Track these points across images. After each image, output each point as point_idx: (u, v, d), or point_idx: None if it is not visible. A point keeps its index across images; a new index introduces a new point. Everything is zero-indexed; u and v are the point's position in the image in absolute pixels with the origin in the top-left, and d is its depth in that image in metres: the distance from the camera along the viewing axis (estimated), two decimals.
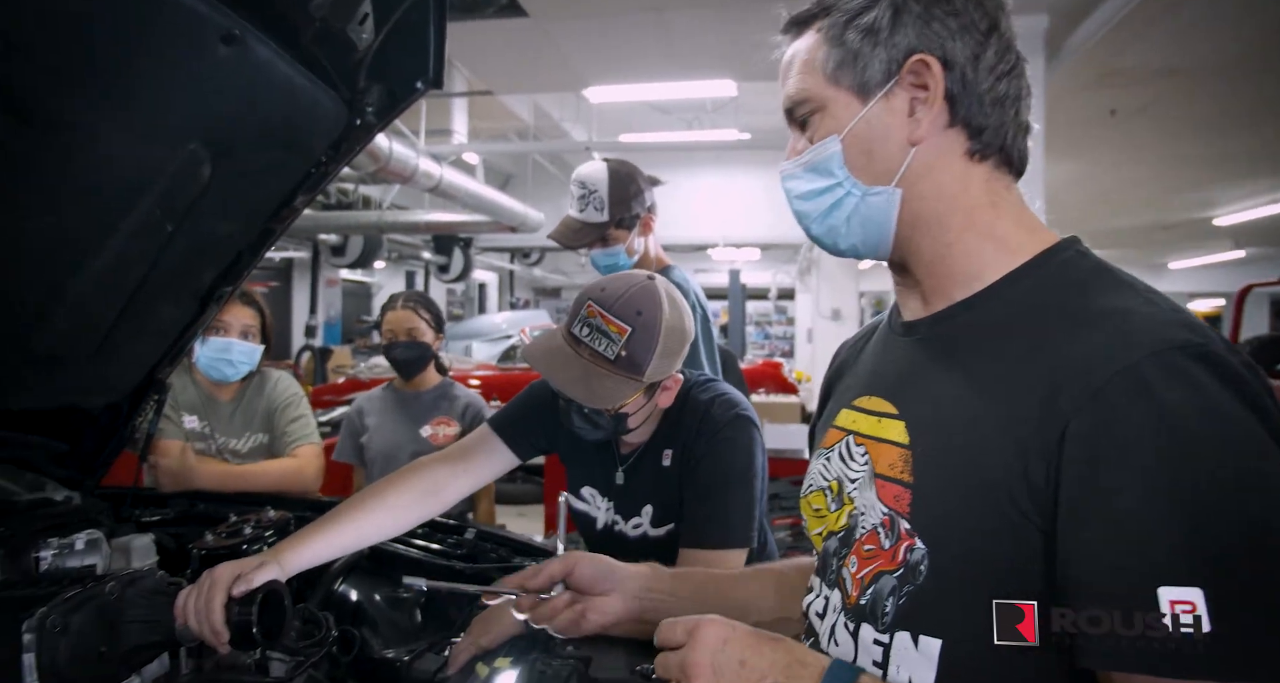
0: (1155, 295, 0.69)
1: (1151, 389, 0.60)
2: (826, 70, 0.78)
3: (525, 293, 21.89)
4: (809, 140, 0.80)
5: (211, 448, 2.15)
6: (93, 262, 1.25)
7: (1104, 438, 0.60)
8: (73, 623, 0.89)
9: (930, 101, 0.75)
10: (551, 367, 1.29)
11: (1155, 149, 7.20)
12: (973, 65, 0.75)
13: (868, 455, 0.80)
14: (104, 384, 1.51)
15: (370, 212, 10.14)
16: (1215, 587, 0.55)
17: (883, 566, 0.74)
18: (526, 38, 4.39)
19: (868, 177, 0.77)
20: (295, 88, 1.24)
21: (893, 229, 0.79)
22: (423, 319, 2.53)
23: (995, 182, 0.78)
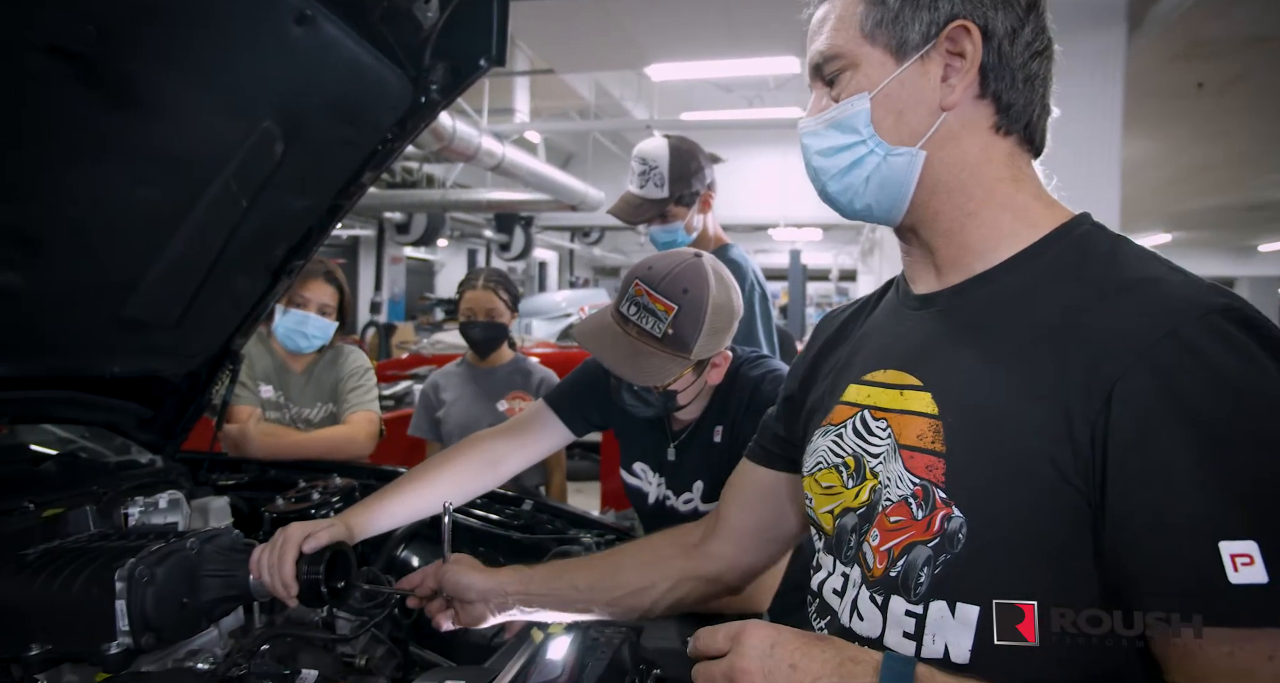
0: (1175, 266, 0.70)
1: (1201, 351, 0.61)
2: (865, 28, 0.77)
3: (585, 272, 22.02)
4: (834, 99, 0.79)
5: (286, 417, 2.24)
6: (177, 234, 1.31)
7: (1158, 399, 0.61)
8: (158, 574, 0.95)
9: (966, 69, 0.75)
10: (600, 345, 1.31)
11: (1245, 124, 6.81)
12: (1010, 39, 0.75)
13: (889, 428, 0.80)
14: (184, 352, 1.58)
15: (434, 190, 10.31)
16: (1270, 537, 0.56)
17: (915, 536, 0.73)
18: (588, 15, 4.39)
19: (893, 137, 0.77)
20: (363, 66, 1.28)
21: (910, 193, 0.79)
22: (501, 300, 2.57)
23: (1017, 157, 0.79)
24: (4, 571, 1.03)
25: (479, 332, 2.57)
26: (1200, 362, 0.61)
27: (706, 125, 8.75)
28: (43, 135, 1.05)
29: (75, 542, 1.12)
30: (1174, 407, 0.61)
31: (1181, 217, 13.09)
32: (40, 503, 1.25)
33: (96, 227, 1.24)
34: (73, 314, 1.36)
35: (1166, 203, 11.63)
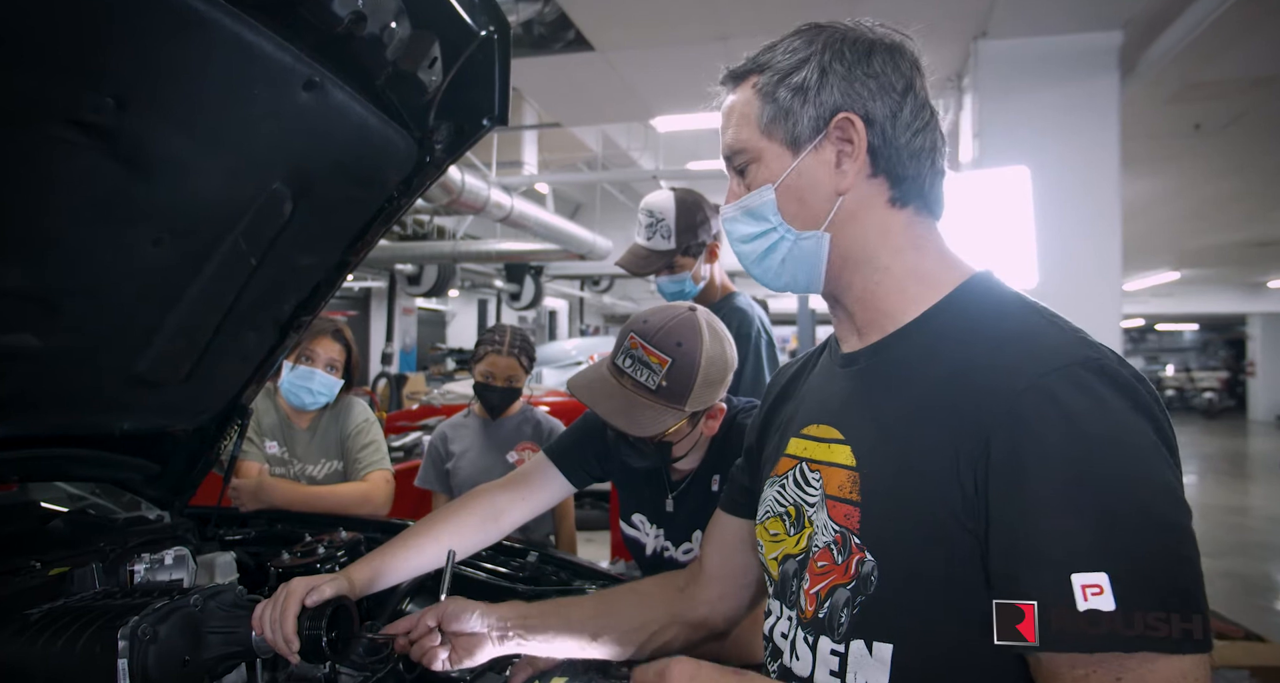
0: (1059, 319, 0.77)
1: (1059, 400, 0.68)
2: (761, 124, 0.85)
3: (595, 320, 22.12)
4: (747, 186, 0.88)
5: (290, 473, 2.26)
6: (188, 292, 1.34)
7: (1021, 446, 0.68)
8: (161, 632, 0.95)
9: (855, 155, 0.82)
10: (595, 397, 1.33)
11: (1248, 162, 6.85)
12: (891, 122, 0.82)
13: (821, 479, 0.86)
14: (194, 408, 1.61)
15: (444, 242, 10.45)
16: (1117, 570, 0.62)
17: (837, 579, 0.80)
18: (593, 71, 4.51)
19: (799, 222, 0.85)
20: (369, 128, 1.32)
21: (823, 269, 0.87)
22: (522, 366, 2.58)
23: (917, 225, 0.86)
24: (8, 631, 1.03)
25: (497, 397, 2.59)
26: (1058, 410, 0.67)
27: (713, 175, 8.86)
28: (60, 200, 1.09)
29: (80, 600, 1.13)
30: (1034, 451, 0.67)
31: (1189, 254, 13.08)
32: (47, 561, 1.26)
33: (110, 287, 1.27)
34: (85, 372, 1.38)
35: (1174, 241, 11.63)
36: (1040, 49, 3.78)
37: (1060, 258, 3.17)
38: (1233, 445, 14.71)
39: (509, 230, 9.47)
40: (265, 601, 1.08)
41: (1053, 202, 3.15)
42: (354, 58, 1.19)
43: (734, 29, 4.00)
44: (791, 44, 0.85)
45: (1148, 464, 0.66)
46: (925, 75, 0.85)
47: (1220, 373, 22.85)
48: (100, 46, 0.94)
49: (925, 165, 0.85)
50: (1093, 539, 0.64)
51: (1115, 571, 0.62)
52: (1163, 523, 0.65)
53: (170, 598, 1.01)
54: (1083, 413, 0.67)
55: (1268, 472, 10.79)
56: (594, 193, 12.23)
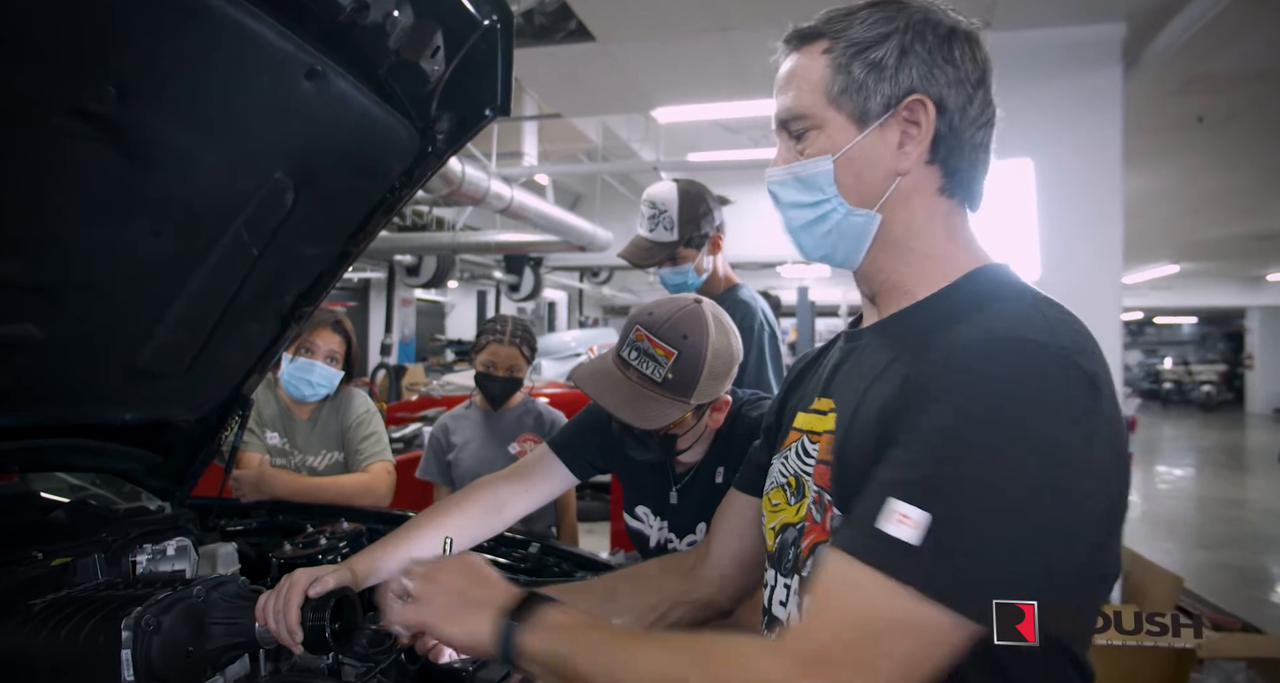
0: (1047, 308, 0.77)
1: (981, 363, 0.69)
2: (830, 93, 0.84)
3: (594, 311, 22.11)
4: (800, 152, 0.87)
5: (291, 464, 2.26)
6: (190, 283, 1.34)
7: (927, 392, 0.71)
8: (164, 623, 0.95)
9: (920, 138, 0.83)
10: (600, 389, 1.33)
11: (1251, 155, 6.83)
12: (961, 113, 0.83)
13: (816, 448, 0.89)
14: (195, 399, 1.60)
15: (444, 233, 10.44)
16: (945, 515, 0.65)
17: (817, 537, 0.83)
18: (594, 61, 4.48)
19: (853, 198, 0.85)
20: (372, 118, 1.32)
21: (867, 247, 0.87)
22: (524, 356, 2.57)
23: (955, 216, 0.87)
24: (12, 622, 1.03)
25: (499, 387, 2.57)
26: (974, 370, 0.69)
27: (713, 166, 8.85)
28: (61, 191, 1.09)
29: (83, 591, 1.13)
30: (933, 397, 0.70)
31: (1190, 248, 13.06)
32: (49, 552, 1.26)
33: (112, 278, 1.27)
34: (86, 363, 1.38)
35: (1174, 235, 11.62)
36: (1043, 41, 3.76)
37: (1062, 251, 3.16)
38: (1230, 439, 14.74)
39: (508, 222, 9.46)
40: (268, 592, 1.08)
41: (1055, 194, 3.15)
42: (356, 47, 1.18)
43: (736, 20, 3.98)
44: (871, 17, 0.84)
45: (1030, 447, 0.66)
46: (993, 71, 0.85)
47: (1218, 366, 22.87)
48: (102, 35, 0.93)
49: (980, 160, 0.86)
50: (933, 482, 0.66)
51: (933, 513, 0.65)
52: (1006, 503, 0.65)
53: (173, 589, 1.01)
54: (995, 381, 0.68)
55: (1265, 465, 10.81)
56: (594, 184, 12.20)
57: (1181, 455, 12.36)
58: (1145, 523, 7.18)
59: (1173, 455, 12.16)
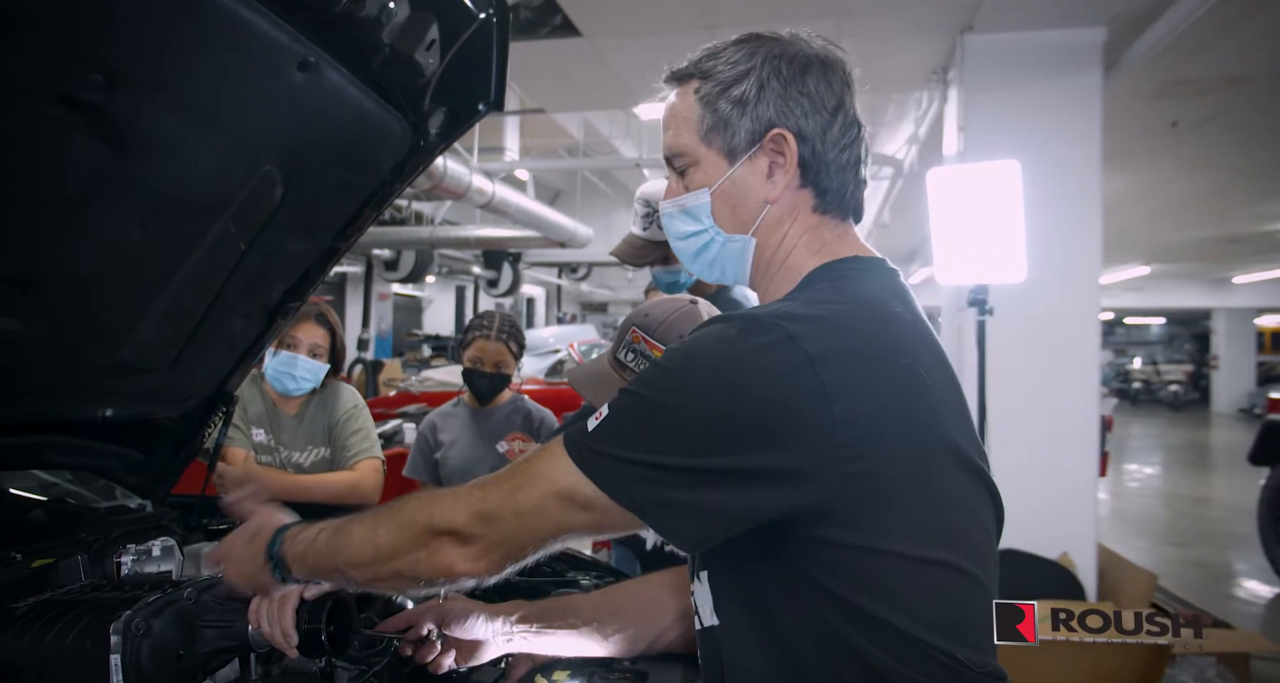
0: (823, 294, 0.85)
1: (699, 330, 0.83)
2: (701, 132, 0.91)
3: (572, 307, 22.06)
4: (685, 187, 0.94)
5: (276, 460, 2.22)
6: (175, 277, 1.31)
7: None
8: (155, 627, 0.93)
9: (786, 167, 0.89)
10: (597, 393, 1.32)
11: (1222, 160, 6.96)
12: (821, 138, 0.89)
13: None
14: (178, 394, 1.57)
15: (423, 227, 10.35)
16: (607, 411, 0.80)
17: None
18: (580, 57, 4.46)
19: (729, 226, 0.93)
20: (364, 111, 1.29)
21: (749, 267, 0.95)
22: (511, 352, 2.54)
23: (822, 229, 0.93)
24: None
25: (486, 383, 2.54)
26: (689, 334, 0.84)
27: None
28: (45, 180, 1.06)
29: (67, 593, 1.10)
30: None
31: (1161, 250, 13.29)
32: (28, 553, 1.22)
33: (95, 270, 1.23)
34: (67, 358, 1.35)
35: (1146, 237, 11.81)
36: (1026, 44, 3.79)
37: (1042, 252, 3.19)
38: (1197, 437, 15.02)
39: (488, 216, 9.40)
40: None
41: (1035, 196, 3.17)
42: (350, 38, 1.16)
43: (721, 19, 3.98)
44: (733, 55, 0.89)
45: (685, 378, 0.79)
46: (855, 92, 0.91)
47: (1185, 366, 23.27)
48: (91, 21, 0.90)
49: (850, 177, 0.92)
50: (622, 393, 0.81)
51: (608, 410, 0.80)
52: (657, 408, 0.78)
53: (163, 591, 0.99)
54: (699, 335, 0.82)
55: (1230, 463, 11.03)
56: (574, 180, 12.17)
57: (1150, 454, 12.58)
58: (1118, 520, 7.30)
59: (1142, 454, 12.37)
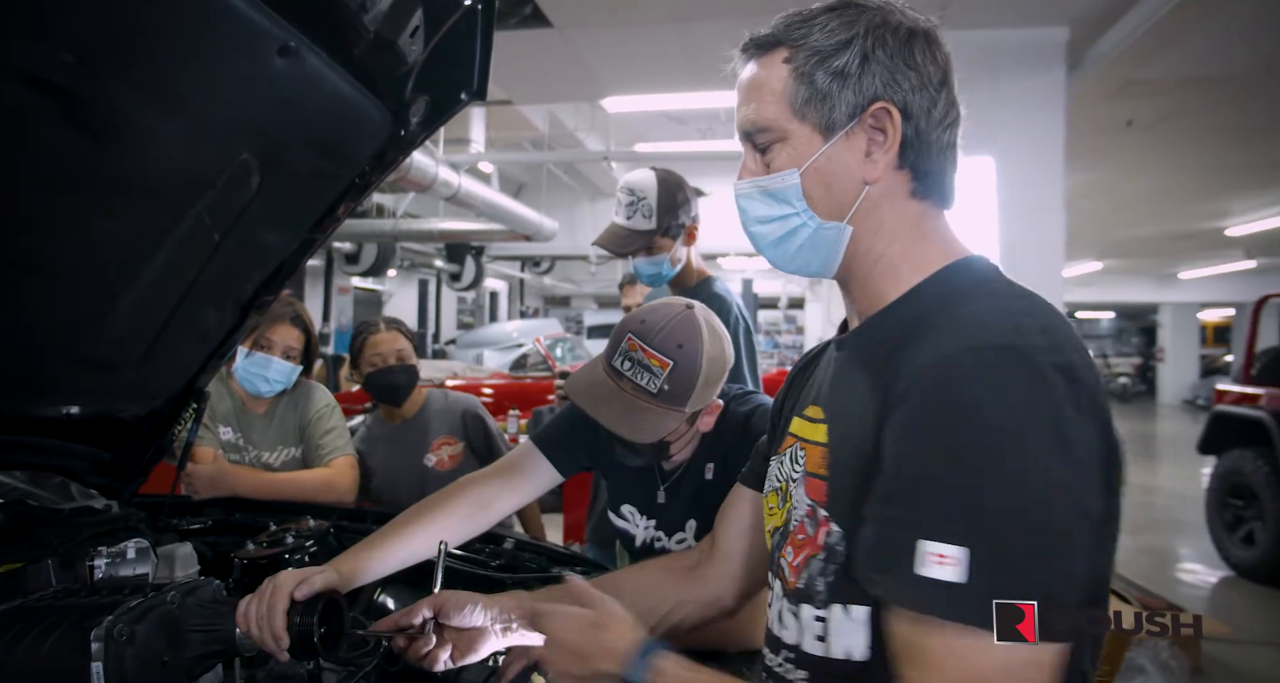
0: (1022, 303, 0.77)
1: (956, 379, 0.69)
2: (795, 104, 0.82)
3: (535, 301, 21.92)
4: (766, 165, 0.85)
5: (245, 459, 2.16)
6: (146, 268, 1.26)
7: (911, 417, 0.71)
8: (139, 632, 0.89)
9: (888, 146, 0.82)
10: (595, 402, 1.29)
11: (1172, 159, 7.17)
12: (926, 116, 0.82)
13: (805, 456, 0.89)
14: (147, 391, 1.52)
15: (385, 220, 10.18)
16: (970, 546, 0.64)
17: (811, 551, 0.83)
18: (549, 48, 4.41)
19: (823, 210, 0.84)
20: (345, 99, 1.25)
21: (840, 258, 0.86)
22: (408, 339, 2.35)
23: (927, 217, 0.86)
24: None
25: (398, 377, 2.29)
26: (952, 385, 0.69)
27: (660, 157, 8.85)
28: (9, 164, 1.01)
29: (39, 599, 1.04)
30: (919, 420, 0.70)
31: (1113, 246, 13.65)
32: None
33: (62, 260, 1.18)
34: (30, 352, 1.29)
35: (1100, 233, 12.12)
36: (992, 41, 3.85)
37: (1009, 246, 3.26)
38: (1144, 428, 15.47)
39: (451, 209, 9.28)
40: (249, 596, 1.02)
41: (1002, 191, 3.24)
42: (333, 23, 1.12)
43: (694, 12, 3.97)
44: (830, 23, 0.82)
45: (1030, 455, 0.66)
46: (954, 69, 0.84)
47: (1133, 359, 23.97)
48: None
49: (949, 160, 0.85)
50: (951, 513, 0.66)
51: (972, 547, 0.64)
52: (1029, 515, 0.65)
53: (144, 595, 0.95)
54: (975, 396, 0.67)
55: (1176, 452, 11.39)
56: (538, 173, 12.07)
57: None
58: None
59: None
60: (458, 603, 1.08)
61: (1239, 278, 16.53)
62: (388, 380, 2.31)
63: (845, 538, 0.78)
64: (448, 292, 15.09)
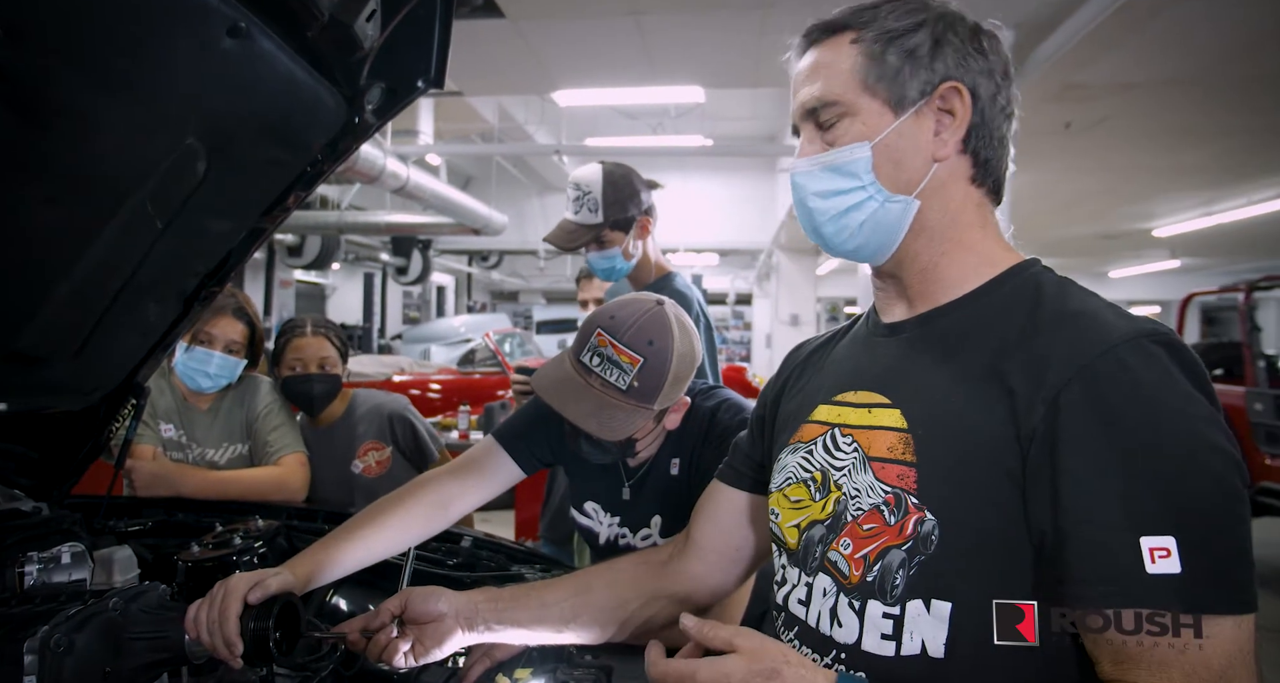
0: (1112, 304, 0.80)
1: (1130, 368, 0.70)
2: (866, 80, 0.83)
3: (483, 296, 21.68)
4: (829, 143, 0.85)
5: (188, 458, 2.07)
6: (84, 257, 1.20)
7: (1090, 406, 0.70)
8: (78, 642, 0.83)
9: (957, 126, 0.83)
10: (563, 399, 1.27)
11: (1107, 162, 7.43)
12: (991, 103, 0.84)
13: (856, 444, 0.86)
14: (82, 386, 1.44)
15: (330, 212, 9.94)
16: (1185, 534, 0.65)
17: (889, 541, 0.79)
18: (502, 39, 4.35)
19: (891, 184, 0.84)
20: (297, 83, 1.21)
21: (901, 238, 0.86)
22: (335, 347, 2.19)
23: (985, 207, 0.88)
24: None
25: (316, 386, 2.13)
26: (1129, 377, 0.70)
27: (611, 151, 8.82)
28: None
29: None
30: (1102, 413, 0.70)
31: (1051, 244, 14.11)
32: None
33: None
34: None
35: (1035, 233, 12.51)
36: None
37: None
38: None
39: (398, 201, 9.10)
40: (199, 600, 0.98)
41: None
42: (285, 3, 1.07)
43: (648, 6, 3.95)
44: (896, 8, 0.84)
45: (1209, 433, 0.69)
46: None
47: None
48: None
49: (1005, 152, 0.87)
50: (1161, 504, 0.67)
51: (1182, 535, 0.65)
52: (1226, 490, 0.68)
53: (83, 602, 0.90)
54: (1152, 382, 0.70)
55: None
56: (487, 166, 11.93)
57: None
58: None
59: None
60: (422, 597, 1.06)
61: (1164, 277, 17.27)
62: (303, 389, 2.16)
63: (940, 528, 0.76)
64: (394, 286, 14.81)
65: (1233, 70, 4.71)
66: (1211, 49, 4.35)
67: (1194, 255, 14.93)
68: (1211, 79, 4.87)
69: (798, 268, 13.23)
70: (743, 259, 16.46)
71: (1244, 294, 5.41)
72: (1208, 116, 5.87)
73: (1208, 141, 6.70)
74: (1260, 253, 14.37)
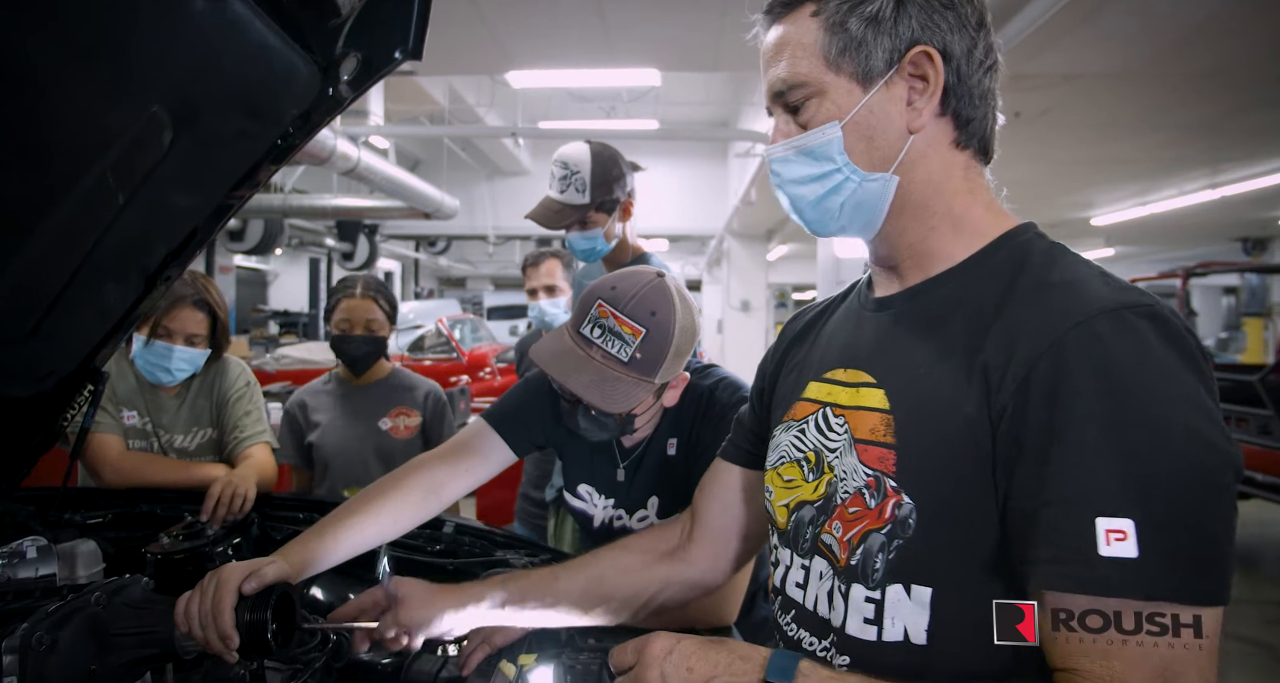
0: (1105, 271, 0.76)
1: (1102, 341, 0.66)
2: (829, 56, 0.79)
3: (430, 282, 21.34)
4: (801, 125, 0.82)
5: (153, 446, 1.96)
6: (37, 233, 1.12)
7: (1059, 382, 0.66)
8: (61, 640, 0.78)
9: (930, 92, 0.78)
10: (564, 370, 1.24)
11: (1051, 150, 7.62)
12: (966, 59, 0.79)
13: (846, 424, 0.83)
14: (35, 371, 1.36)
15: (274, 195, 9.62)
16: (1146, 517, 0.62)
17: (870, 525, 0.77)
18: (456, 13, 4.23)
19: (866, 163, 0.80)
20: (270, 50, 1.14)
21: (884, 213, 0.82)
22: (382, 310, 2.30)
23: (971, 170, 0.84)
24: None
25: (358, 347, 2.28)
26: (1102, 349, 0.66)
27: (565, 134, 8.73)
28: None
29: None
30: (1069, 389, 0.66)
31: None
32: None
33: None
34: None
35: None
36: None
37: None
38: None
39: (345, 184, 8.87)
40: (189, 593, 0.92)
41: None
42: None
43: None
44: None
45: (1187, 414, 0.64)
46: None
47: None
48: None
49: (989, 107, 0.82)
50: (1120, 484, 0.63)
51: (1140, 518, 0.61)
52: (1194, 473, 0.63)
53: (62, 597, 0.84)
54: (1126, 356, 0.66)
55: None
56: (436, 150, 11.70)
57: None
58: None
59: None
60: (413, 594, 1.05)
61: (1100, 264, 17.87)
62: (347, 349, 2.30)
63: (917, 511, 0.73)
64: (339, 271, 14.45)
65: (1165, 67, 4.88)
66: (1147, 44, 4.49)
67: (1128, 244, 15.50)
68: (1146, 74, 5.04)
69: (749, 254, 13.32)
70: (692, 245, 16.50)
71: (1181, 280, 5.63)
72: (1142, 110, 6.06)
73: (1142, 134, 6.93)
74: (1188, 242, 15.01)
